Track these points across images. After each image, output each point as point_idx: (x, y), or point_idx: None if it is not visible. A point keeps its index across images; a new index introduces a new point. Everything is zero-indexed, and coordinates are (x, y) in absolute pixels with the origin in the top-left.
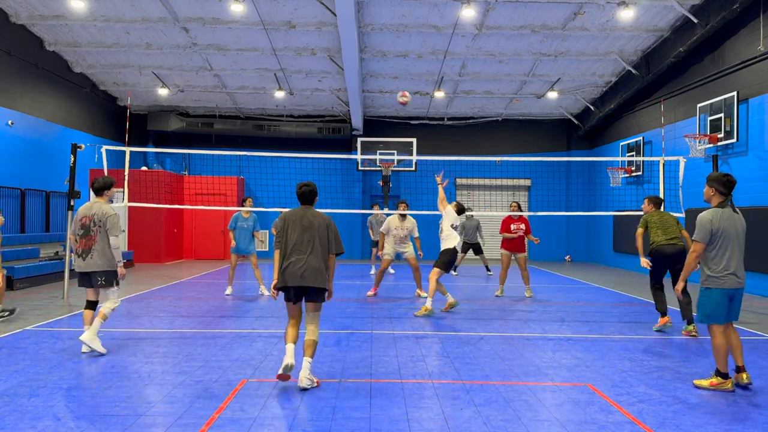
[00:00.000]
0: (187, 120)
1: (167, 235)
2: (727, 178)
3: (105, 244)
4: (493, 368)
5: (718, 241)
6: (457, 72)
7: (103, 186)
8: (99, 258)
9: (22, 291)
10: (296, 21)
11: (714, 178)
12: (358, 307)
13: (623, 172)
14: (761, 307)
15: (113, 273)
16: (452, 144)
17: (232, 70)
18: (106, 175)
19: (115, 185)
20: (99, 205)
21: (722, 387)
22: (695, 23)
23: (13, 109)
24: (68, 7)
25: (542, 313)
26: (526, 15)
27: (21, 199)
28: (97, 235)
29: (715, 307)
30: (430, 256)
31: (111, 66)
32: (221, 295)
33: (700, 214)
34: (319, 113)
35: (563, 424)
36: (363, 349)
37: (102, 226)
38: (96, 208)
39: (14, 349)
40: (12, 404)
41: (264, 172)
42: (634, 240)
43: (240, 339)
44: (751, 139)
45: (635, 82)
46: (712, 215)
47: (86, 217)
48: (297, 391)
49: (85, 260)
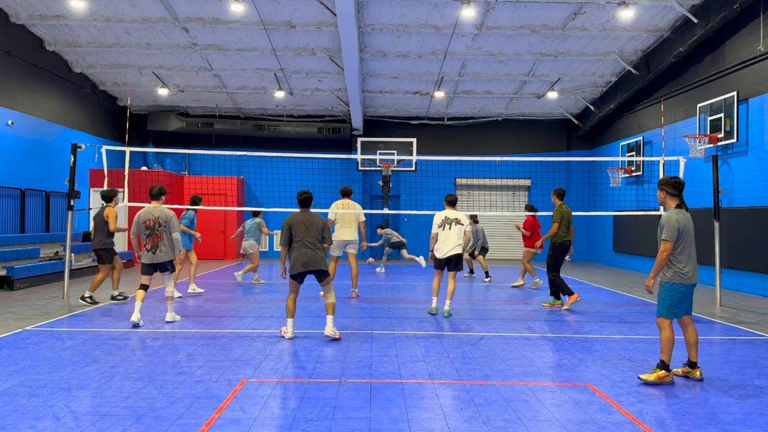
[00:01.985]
0: (187, 120)
1: None
2: (675, 180)
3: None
4: (493, 368)
5: (683, 240)
6: (457, 72)
7: (159, 192)
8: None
9: (22, 291)
10: (296, 21)
11: (664, 181)
12: (358, 307)
13: (623, 172)
14: (761, 307)
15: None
16: (452, 144)
17: (232, 70)
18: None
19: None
20: (159, 209)
21: (667, 380)
22: (695, 23)
23: (13, 109)
24: (68, 7)
25: (542, 313)
26: (526, 15)
27: (21, 199)
28: (163, 233)
29: (679, 302)
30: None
31: (111, 66)
32: (221, 295)
33: (665, 215)
34: (319, 113)
35: (563, 424)
36: (363, 349)
37: (166, 225)
38: (158, 212)
39: (14, 349)
40: (12, 404)
41: (264, 172)
42: (634, 240)
43: (240, 339)
44: (751, 139)
45: (635, 82)
46: (677, 215)
47: (150, 219)
48: (297, 391)
49: (155, 254)
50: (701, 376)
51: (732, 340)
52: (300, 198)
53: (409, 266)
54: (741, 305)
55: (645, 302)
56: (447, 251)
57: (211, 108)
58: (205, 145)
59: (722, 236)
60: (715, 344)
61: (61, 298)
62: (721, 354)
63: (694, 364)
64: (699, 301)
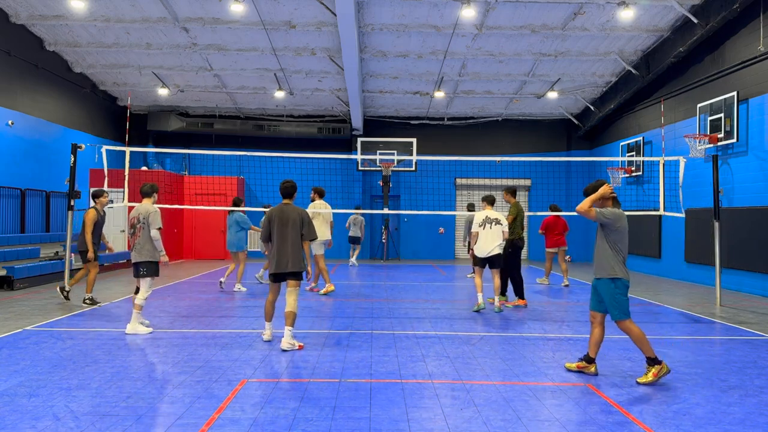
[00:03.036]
0: (187, 120)
1: (167, 235)
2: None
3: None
4: (493, 368)
5: (624, 236)
6: (457, 72)
7: (151, 189)
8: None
9: (22, 291)
10: (296, 21)
11: (592, 187)
12: (358, 307)
13: (623, 172)
14: (761, 307)
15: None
16: (452, 144)
17: (232, 70)
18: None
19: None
20: (144, 206)
21: (663, 373)
22: (695, 23)
23: (13, 109)
24: (68, 7)
25: (542, 313)
26: (526, 15)
27: (21, 199)
28: (141, 230)
29: (627, 300)
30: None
31: (111, 66)
32: (221, 295)
33: (610, 209)
34: (319, 113)
35: (563, 424)
36: (363, 349)
37: (145, 221)
38: (142, 209)
39: (14, 349)
40: (12, 404)
41: (264, 172)
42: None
43: (240, 339)
44: (751, 139)
45: (635, 82)
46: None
47: (134, 217)
48: (297, 391)
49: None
50: (596, 371)
51: (732, 340)
52: (280, 188)
53: (410, 266)
54: (741, 305)
55: (645, 302)
56: (489, 251)
57: (211, 108)
58: (205, 145)
59: (722, 236)
60: (715, 344)
61: (61, 298)
62: (721, 354)
63: (591, 359)
64: (699, 301)
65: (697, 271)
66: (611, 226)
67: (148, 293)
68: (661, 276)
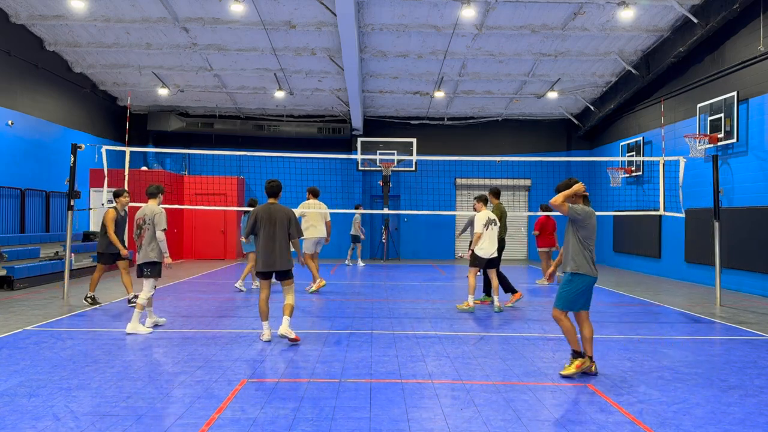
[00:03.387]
0: (187, 120)
1: (167, 234)
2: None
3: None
4: (493, 368)
5: (593, 234)
6: (457, 72)
7: (157, 190)
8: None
9: (22, 291)
10: (296, 21)
11: (564, 185)
12: (358, 307)
13: (623, 172)
14: (761, 307)
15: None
16: (452, 144)
17: (232, 70)
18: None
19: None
20: (150, 206)
21: (585, 366)
22: (695, 23)
23: (13, 109)
24: (68, 7)
25: (542, 313)
26: (526, 15)
27: (21, 199)
28: (146, 231)
29: (580, 295)
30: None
31: (111, 66)
32: (221, 295)
33: (581, 206)
34: (319, 113)
35: (563, 424)
36: (363, 349)
37: (151, 222)
38: (148, 210)
39: (14, 349)
40: (12, 404)
41: (264, 172)
42: (634, 240)
43: (240, 339)
44: (751, 139)
45: (635, 82)
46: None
47: (140, 217)
48: (297, 391)
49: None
50: (596, 370)
51: (732, 340)
52: (266, 187)
53: (410, 266)
54: (741, 305)
55: (645, 302)
56: (492, 252)
57: (211, 108)
58: (205, 145)
59: (722, 236)
60: (715, 344)
61: (61, 298)
62: (721, 354)
63: (590, 358)
64: (699, 301)
65: (697, 271)
66: (581, 223)
67: (151, 293)
68: (661, 276)
